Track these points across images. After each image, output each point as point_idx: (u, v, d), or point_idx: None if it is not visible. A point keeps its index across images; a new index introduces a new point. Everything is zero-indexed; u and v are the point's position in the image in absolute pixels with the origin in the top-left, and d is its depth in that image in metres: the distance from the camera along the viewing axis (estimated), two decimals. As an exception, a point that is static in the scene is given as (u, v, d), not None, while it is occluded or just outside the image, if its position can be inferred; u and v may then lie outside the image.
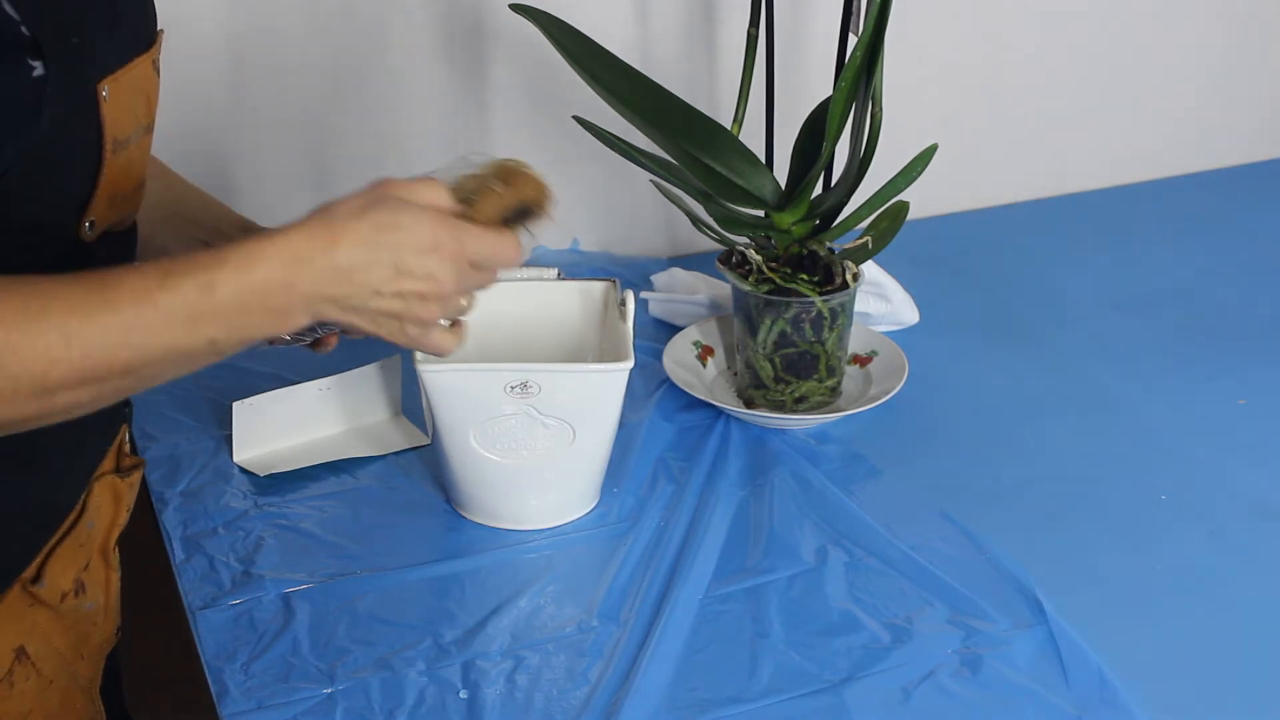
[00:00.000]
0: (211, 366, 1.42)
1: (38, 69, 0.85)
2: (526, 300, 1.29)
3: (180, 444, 1.32)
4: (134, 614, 1.17)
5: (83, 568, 1.03)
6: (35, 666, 0.99)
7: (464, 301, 0.97)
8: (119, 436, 1.05)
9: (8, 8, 0.83)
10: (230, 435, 1.29)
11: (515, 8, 1.34)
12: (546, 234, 1.69)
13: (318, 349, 1.12)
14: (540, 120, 1.63)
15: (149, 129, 0.99)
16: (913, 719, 1.01)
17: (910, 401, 1.37)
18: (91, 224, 0.92)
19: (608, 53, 1.33)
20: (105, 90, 0.91)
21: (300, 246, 0.89)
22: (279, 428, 1.31)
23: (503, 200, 0.99)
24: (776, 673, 1.05)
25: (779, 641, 1.07)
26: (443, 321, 0.97)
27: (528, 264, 1.67)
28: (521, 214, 1.00)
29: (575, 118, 1.31)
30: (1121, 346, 1.51)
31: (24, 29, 0.83)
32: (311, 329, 1.04)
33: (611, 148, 1.30)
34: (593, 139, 1.30)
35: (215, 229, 1.12)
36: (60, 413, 0.85)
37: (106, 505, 1.04)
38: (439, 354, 0.99)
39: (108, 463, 1.03)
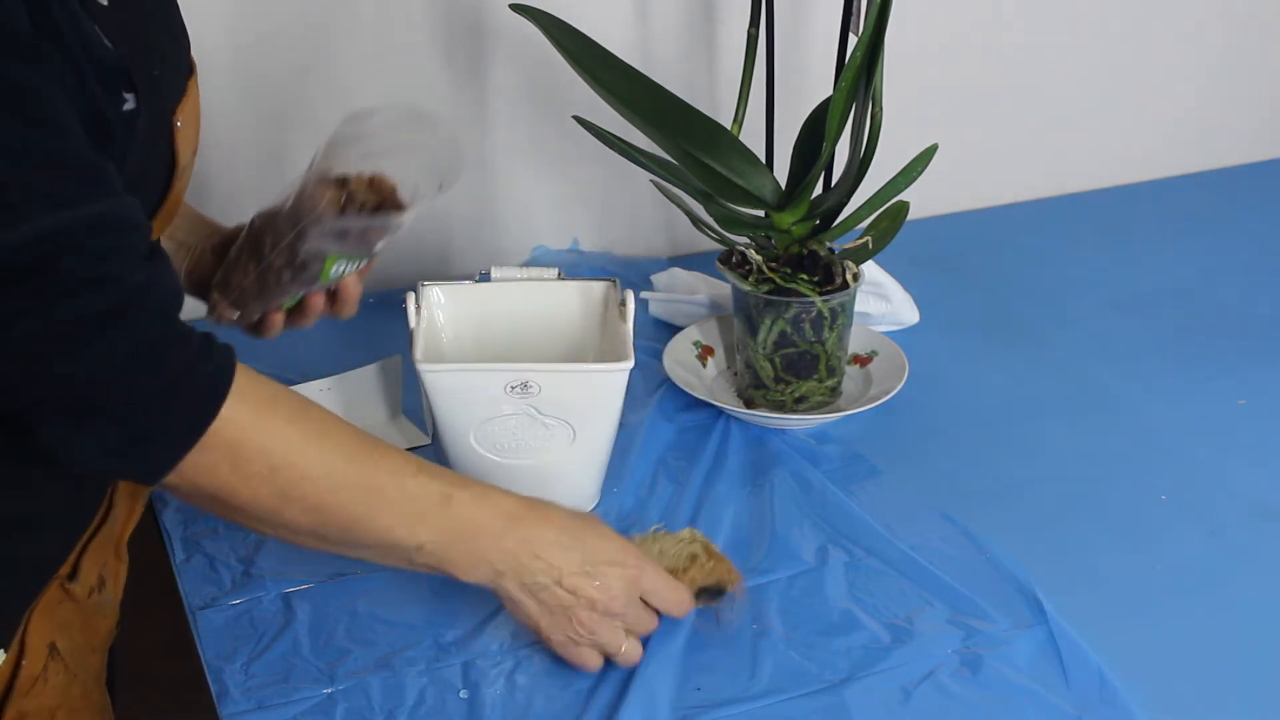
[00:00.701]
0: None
1: (129, 102, 0.86)
2: (526, 300, 1.29)
3: (180, 444, 1.32)
4: (134, 614, 1.17)
5: (104, 563, 1.04)
6: (64, 662, 1.00)
7: (623, 633, 1.03)
8: None
9: (104, 39, 0.83)
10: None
11: (515, 8, 1.34)
12: (547, 234, 1.71)
13: (260, 332, 1.16)
14: (540, 120, 1.63)
15: (195, 151, 1.00)
16: (913, 719, 1.01)
17: (910, 401, 1.37)
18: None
19: (608, 53, 1.33)
20: (179, 120, 0.93)
21: (519, 510, 0.99)
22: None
23: (707, 573, 1.07)
24: (777, 673, 1.05)
25: (779, 641, 1.07)
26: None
27: (528, 264, 1.68)
28: (714, 592, 1.08)
29: (575, 118, 1.31)
30: (1121, 346, 1.51)
31: (119, 61, 0.84)
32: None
33: (611, 148, 1.30)
34: (593, 139, 1.30)
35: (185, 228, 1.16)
36: (275, 525, 0.93)
37: (124, 499, 1.05)
38: (582, 666, 1.03)
39: None
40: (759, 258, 1.32)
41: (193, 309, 1.18)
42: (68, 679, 1.00)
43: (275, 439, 0.88)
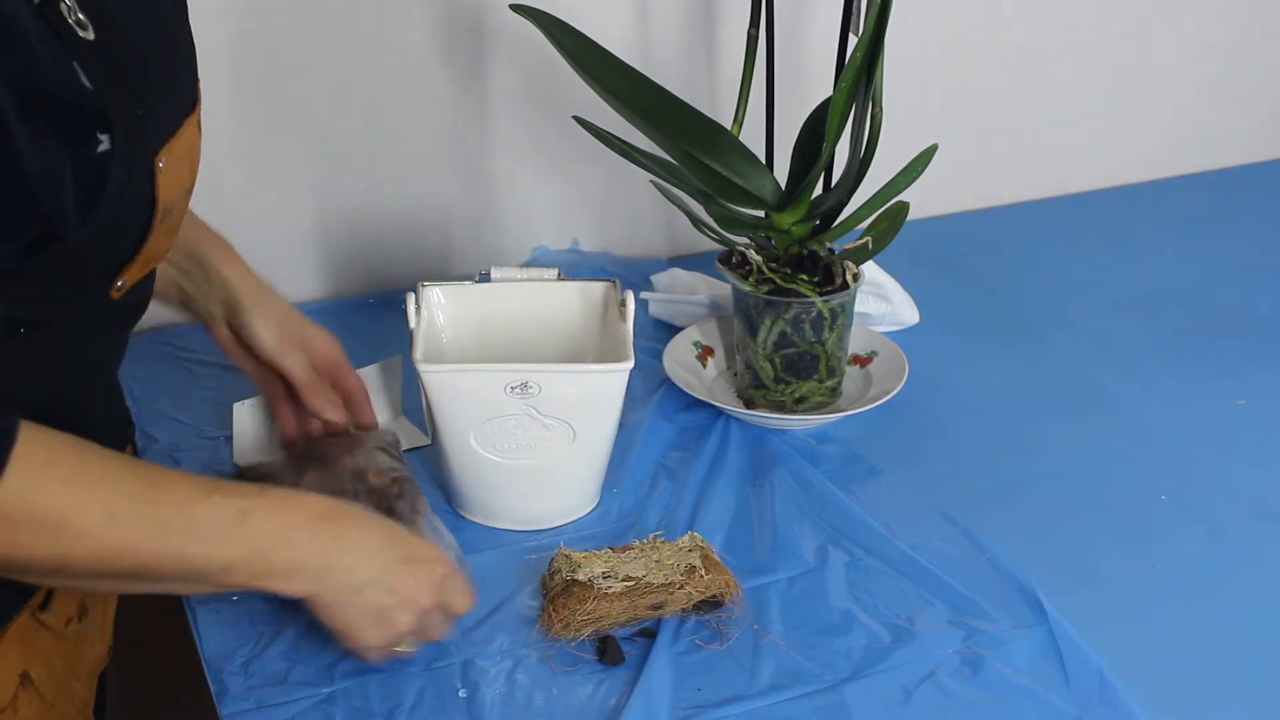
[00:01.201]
0: (211, 366, 1.44)
1: (104, 143, 0.84)
2: (526, 300, 1.29)
3: (180, 444, 1.32)
4: (134, 614, 1.17)
5: (85, 591, 1.03)
6: (38, 691, 0.98)
7: (428, 629, 1.03)
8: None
9: (83, 78, 0.82)
10: (230, 436, 1.29)
11: (515, 8, 1.34)
12: (547, 234, 1.71)
13: None
14: (540, 120, 1.63)
15: (189, 191, 0.99)
16: (913, 719, 1.01)
17: (910, 401, 1.37)
18: (122, 284, 0.93)
19: (608, 53, 1.33)
20: (161, 162, 0.91)
21: (326, 510, 0.97)
22: (278, 428, 1.30)
23: (704, 586, 1.08)
24: (777, 673, 1.05)
25: (779, 641, 1.07)
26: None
27: (528, 264, 1.68)
28: (711, 603, 1.09)
29: (575, 118, 1.31)
30: (1121, 346, 1.51)
31: (96, 101, 0.82)
32: None
33: (611, 148, 1.30)
34: (593, 139, 1.30)
35: (182, 248, 1.14)
36: (65, 578, 0.91)
37: None
38: (373, 662, 1.03)
39: None
40: (759, 258, 1.32)
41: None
42: (43, 708, 0.99)
43: (50, 503, 0.85)
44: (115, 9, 0.87)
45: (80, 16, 0.83)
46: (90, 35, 0.83)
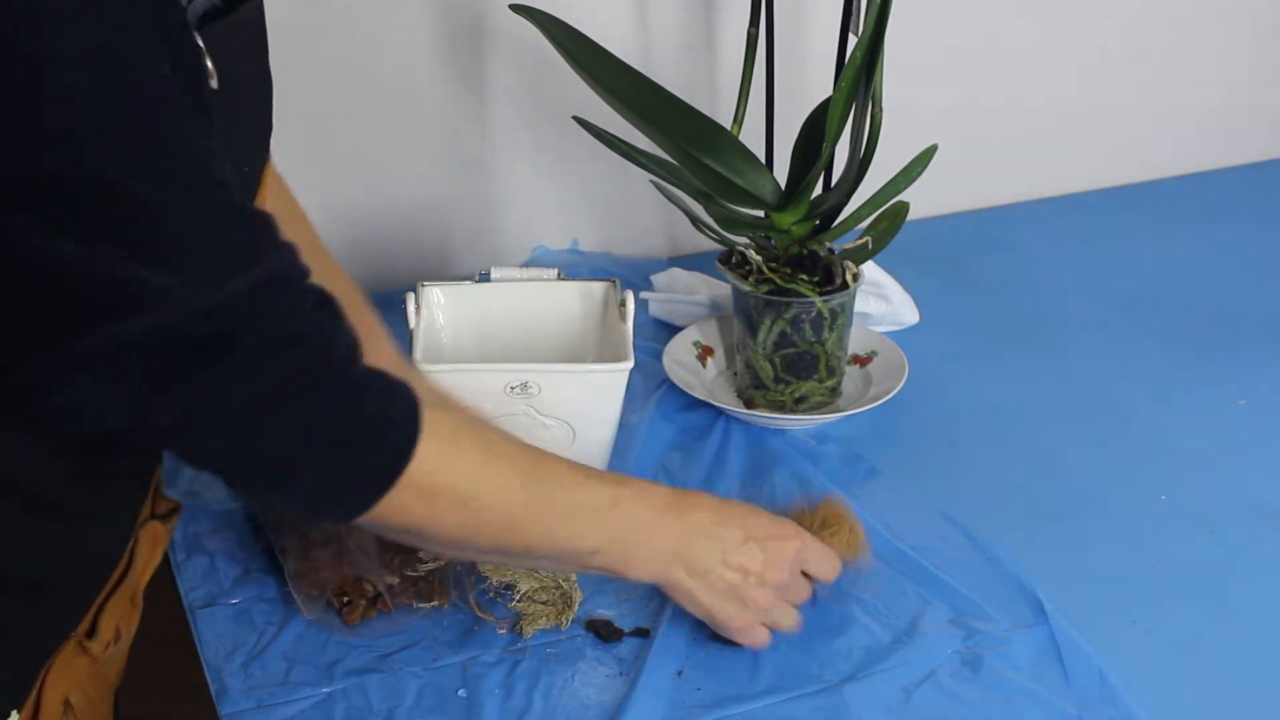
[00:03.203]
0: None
1: None
2: (526, 300, 1.29)
3: (180, 444, 1.32)
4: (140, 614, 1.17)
5: (121, 615, 1.04)
6: (76, 716, 0.99)
7: (789, 608, 1.05)
8: (154, 478, 1.05)
9: (214, 133, 0.80)
10: (230, 435, 1.29)
11: (515, 8, 1.34)
12: (547, 234, 1.71)
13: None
14: (540, 120, 1.63)
15: None
16: (913, 719, 1.01)
17: (910, 401, 1.37)
18: None
19: (608, 53, 1.33)
20: None
21: (673, 499, 1.01)
22: None
23: (847, 546, 1.10)
24: (777, 672, 1.05)
25: (779, 641, 1.07)
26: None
27: (528, 264, 1.68)
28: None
29: (575, 118, 1.31)
30: (1121, 346, 1.51)
31: (215, 159, 0.80)
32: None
33: (611, 148, 1.30)
34: (593, 139, 1.30)
35: None
36: (463, 549, 0.96)
37: (145, 548, 1.02)
38: (758, 646, 1.05)
39: (147, 508, 1.02)
40: (759, 258, 1.32)
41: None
42: None
43: (462, 474, 0.89)
44: (231, 57, 0.85)
45: (208, 64, 0.80)
46: (215, 84, 0.81)
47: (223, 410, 0.78)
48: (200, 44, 0.79)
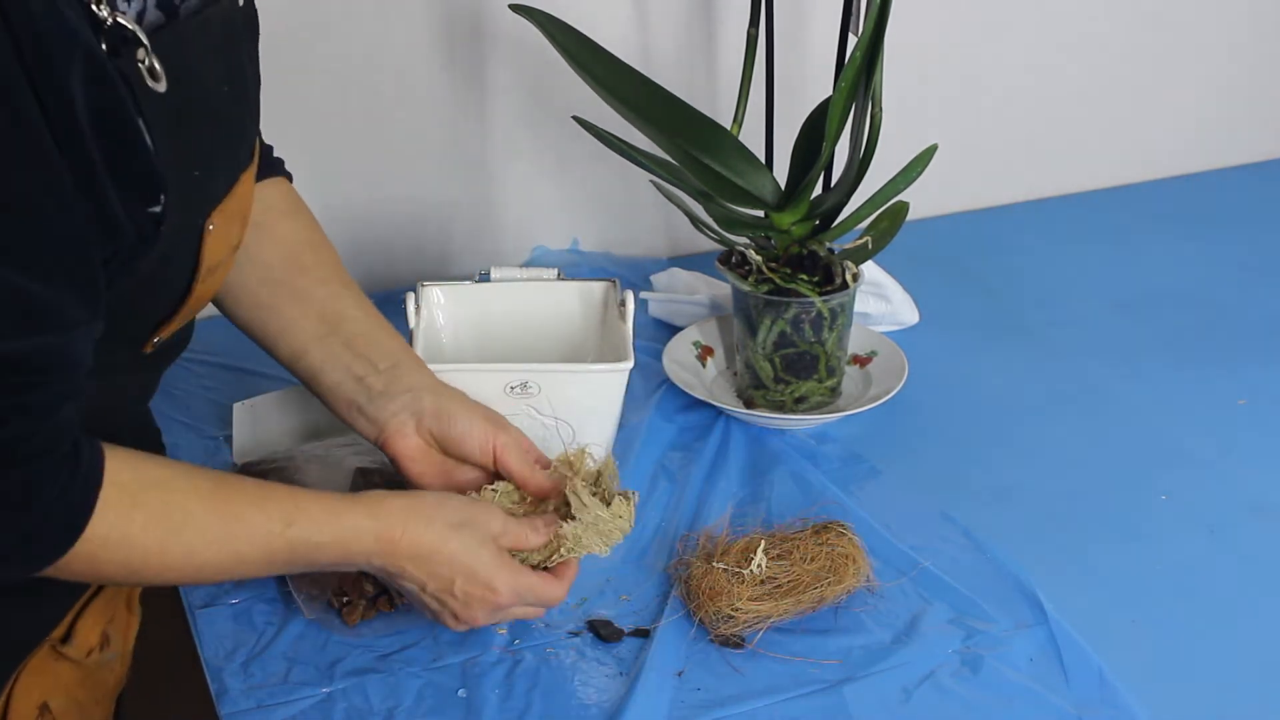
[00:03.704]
0: (211, 367, 1.44)
1: (156, 206, 0.82)
2: (526, 300, 1.29)
3: (180, 444, 1.32)
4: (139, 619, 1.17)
5: (109, 621, 1.03)
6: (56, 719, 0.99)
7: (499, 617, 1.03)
8: None
9: (147, 137, 0.79)
10: (230, 435, 1.29)
11: (515, 8, 1.34)
12: (547, 234, 1.71)
13: None
14: (540, 120, 1.63)
15: (237, 247, 0.98)
16: (913, 719, 1.01)
17: (910, 401, 1.37)
18: (158, 341, 0.93)
19: (608, 53, 1.33)
20: (212, 224, 0.89)
21: (390, 534, 0.96)
22: (279, 428, 1.30)
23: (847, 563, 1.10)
24: (777, 673, 1.05)
25: (779, 641, 1.07)
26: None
27: (528, 264, 1.68)
28: (725, 641, 1.08)
29: (575, 118, 1.31)
30: (1121, 346, 1.51)
31: (152, 162, 0.80)
32: None
33: (611, 148, 1.30)
34: (593, 139, 1.30)
35: (368, 361, 1.09)
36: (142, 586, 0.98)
37: None
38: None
39: None
40: (759, 258, 1.32)
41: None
42: None
43: (132, 549, 0.87)
44: (194, 58, 0.83)
45: (155, 65, 0.78)
46: (161, 87, 0.79)
47: None
48: (140, 52, 0.77)
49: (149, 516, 0.87)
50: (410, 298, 1.23)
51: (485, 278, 1.29)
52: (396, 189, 1.62)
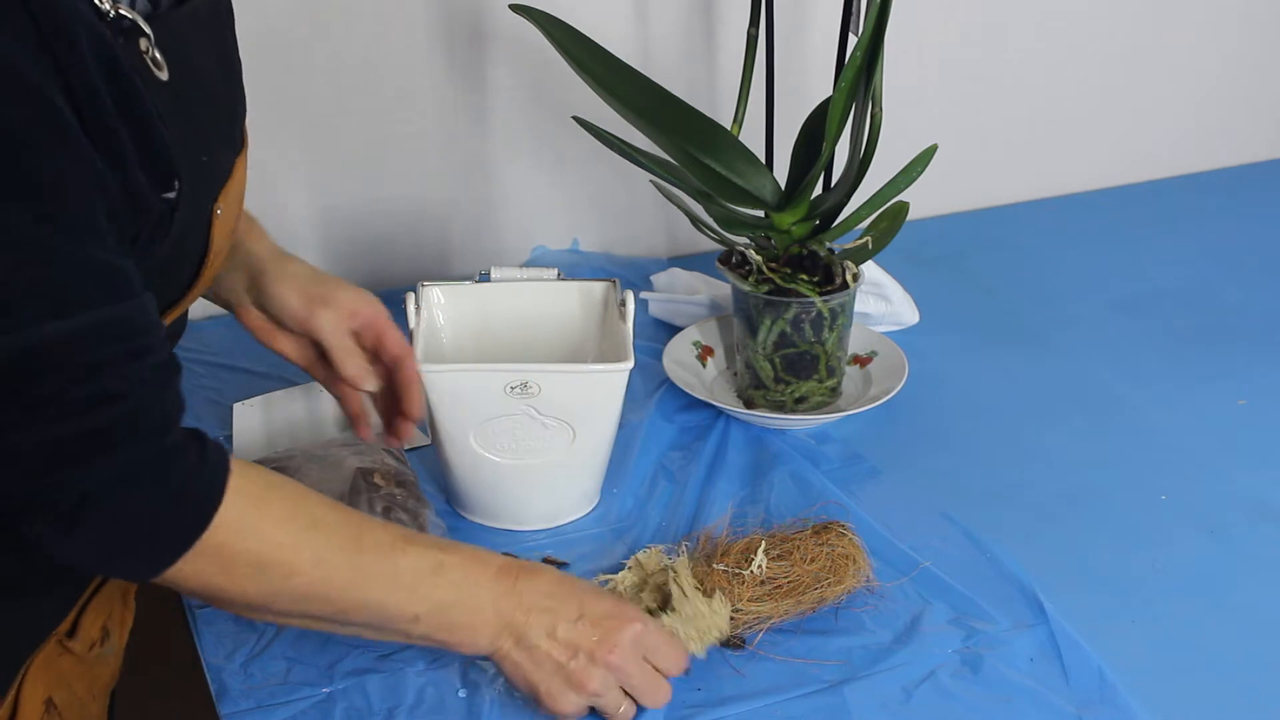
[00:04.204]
0: (211, 366, 1.44)
1: (173, 190, 0.82)
2: (526, 300, 1.29)
3: (180, 444, 1.32)
4: (134, 614, 1.17)
5: (109, 614, 1.03)
6: (60, 715, 0.98)
7: (620, 691, 0.98)
8: None
9: (160, 126, 0.79)
10: (230, 435, 1.29)
11: (515, 8, 1.34)
12: (547, 234, 1.71)
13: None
14: (540, 120, 1.63)
15: (234, 230, 0.98)
16: (913, 719, 1.01)
17: (910, 401, 1.37)
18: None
19: (608, 53, 1.33)
20: (220, 209, 0.89)
21: (509, 565, 0.96)
22: (279, 428, 1.31)
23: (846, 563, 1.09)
24: (777, 672, 1.05)
25: (779, 641, 1.07)
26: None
27: (528, 264, 1.68)
28: (725, 642, 1.06)
29: (575, 118, 1.31)
30: (1121, 346, 1.51)
31: (166, 147, 0.80)
32: None
33: (611, 148, 1.30)
34: (593, 139, 1.30)
35: (243, 262, 1.11)
36: (266, 614, 0.91)
37: None
38: (563, 714, 0.98)
39: None
40: (759, 258, 1.32)
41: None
42: None
43: (264, 541, 0.86)
44: (190, 45, 0.84)
45: (157, 55, 0.79)
46: (164, 76, 0.80)
47: (10, 447, 0.76)
48: (144, 43, 0.78)
49: (280, 511, 0.87)
50: (410, 298, 1.23)
51: (485, 278, 1.29)
52: (396, 189, 1.62)
